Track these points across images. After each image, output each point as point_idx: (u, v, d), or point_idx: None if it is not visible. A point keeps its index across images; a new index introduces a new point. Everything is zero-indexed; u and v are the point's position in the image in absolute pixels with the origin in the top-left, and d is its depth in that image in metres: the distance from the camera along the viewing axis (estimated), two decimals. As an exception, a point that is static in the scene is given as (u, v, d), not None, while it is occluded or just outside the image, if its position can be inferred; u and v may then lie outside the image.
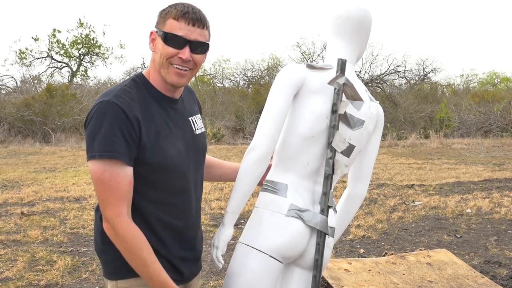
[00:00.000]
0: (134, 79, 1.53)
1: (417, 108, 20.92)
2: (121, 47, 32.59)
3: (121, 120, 1.39)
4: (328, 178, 1.70)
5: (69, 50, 26.84)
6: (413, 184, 8.16)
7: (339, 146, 1.67)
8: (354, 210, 1.95)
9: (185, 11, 1.45)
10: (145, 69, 1.57)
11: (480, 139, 17.12)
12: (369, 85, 23.92)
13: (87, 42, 26.99)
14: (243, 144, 16.72)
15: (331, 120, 1.68)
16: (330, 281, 3.25)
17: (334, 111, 1.67)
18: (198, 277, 1.72)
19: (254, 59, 45.42)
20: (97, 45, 27.26)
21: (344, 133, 1.71)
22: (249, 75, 27.21)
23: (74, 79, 26.86)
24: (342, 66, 1.70)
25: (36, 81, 24.06)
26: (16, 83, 24.26)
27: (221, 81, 27.77)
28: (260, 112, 19.51)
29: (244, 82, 27.42)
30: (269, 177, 1.76)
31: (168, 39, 1.45)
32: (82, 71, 27.85)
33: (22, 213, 6.01)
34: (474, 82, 31.34)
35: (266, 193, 1.72)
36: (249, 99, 21.50)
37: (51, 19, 44.76)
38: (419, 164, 11.06)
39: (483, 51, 53.80)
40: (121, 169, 1.39)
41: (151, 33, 1.51)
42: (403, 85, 26.08)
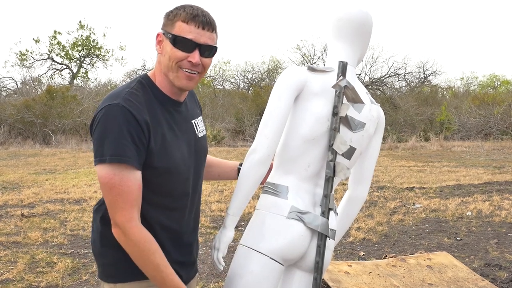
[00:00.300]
0: (141, 81, 1.50)
1: (417, 111, 20.94)
2: (121, 49, 32.61)
3: (130, 124, 1.36)
4: (329, 180, 1.70)
5: (70, 52, 26.90)
6: (413, 187, 8.16)
7: (340, 149, 1.68)
8: (355, 213, 1.95)
9: (194, 14, 1.43)
10: (150, 71, 1.55)
11: (480, 142, 17.13)
12: (370, 87, 23.93)
13: (87, 44, 27.03)
14: (243, 146, 16.72)
15: (332, 122, 1.68)
16: (331, 284, 3.25)
17: (335, 113, 1.68)
18: (194, 279, 1.72)
19: (255, 61, 45.47)
20: (97, 47, 27.32)
21: (345, 136, 1.72)
22: (249, 77, 27.25)
23: (75, 81, 26.89)
24: (343, 68, 1.71)
25: (36, 83, 24.07)
26: (17, 84, 24.30)
27: (221, 83, 27.81)
28: (261, 115, 19.48)
29: (245, 84, 27.46)
30: (270, 179, 1.76)
31: (178, 42, 1.43)
32: (83, 73, 27.90)
33: (22, 214, 6.01)
34: (475, 85, 31.40)
35: (267, 195, 1.72)
36: (249, 101, 21.51)
37: (51, 21, 44.87)
38: (419, 167, 11.05)
39: (483, 53, 53.87)
40: (131, 174, 1.37)
41: (158, 35, 1.48)
42: (403, 87, 26.11)
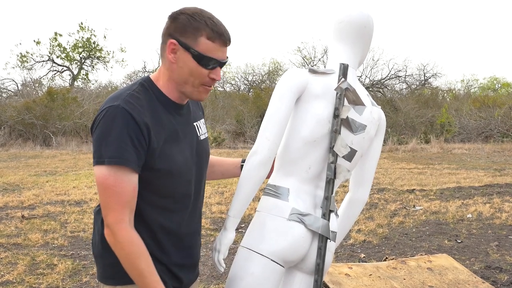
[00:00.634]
0: (142, 84, 1.50)
1: (417, 113, 20.94)
2: (122, 50, 32.64)
3: (130, 126, 1.37)
4: (330, 182, 1.70)
5: (70, 53, 26.92)
6: (414, 189, 8.15)
7: (341, 151, 1.68)
8: (356, 215, 1.95)
9: (220, 32, 1.43)
10: (153, 73, 1.54)
11: (480, 144, 17.13)
12: (370, 89, 23.95)
13: (88, 45, 27.07)
14: (243, 148, 16.71)
15: (333, 124, 1.68)
16: (331, 286, 3.24)
17: (336, 115, 1.68)
18: (196, 283, 1.72)
19: (255, 63, 45.54)
20: (98, 48, 27.34)
21: (346, 138, 1.72)
22: (250, 79, 27.29)
23: (75, 82, 26.91)
24: (344, 70, 1.71)
25: (37, 85, 24.09)
26: (17, 86, 24.30)
27: (222, 85, 27.81)
28: (261, 117, 19.47)
29: (245, 86, 27.49)
30: (271, 181, 1.76)
31: (204, 60, 1.42)
32: (83, 74, 27.92)
33: (23, 216, 6.01)
34: (475, 87, 31.42)
35: (268, 197, 1.72)
36: (249, 103, 21.52)
37: (52, 23, 44.90)
38: (419, 169, 11.05)
39: (484, 56, 53.93)
40: (127, 176, 1.37)
41: (172, 43, 1.42)
42: (403, 90, 26.14)
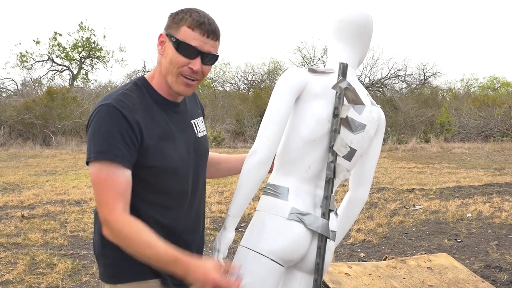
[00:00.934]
0: (136, 83, 1.52)
1: (417, 112, 20.94)
2: (121, 50, 32.68)
3: (120, 124, 1.38)
4: (329, 182, 1.70)
5: (70, 53, 26.91)
6: (414, 188, 8.16)
7: (341, 150, 1.68)
8: (355, 214, 1.95)
9: (201, 21, 1.43)
10: (148, 73, 1.56)
11: (480, 144, 17.13)
12: (370, 89, 23.94)
13: (88, 45, 27.04)
14: (243, 147, 16.71)
15: (332, 124, 1.68)
16: (331, 285, 3.24)
17: (335, 115, 1.68)
18: None
19: (255, 62, 45.48)
20: (97, 48, 27.32)
21: (345, 137, 1.72)
22: (249, 78, 27.25)
23: (75, 82, 26.90)
24: (343, 70, 1.71)
25: (36, 84, 24.09)
26: (17, 86, 24.31)
27: (221, 84, 27.81)
28: (261, 116, 19.46)
29: (245, 85, 27.46)
30: (270, 180, 1.76)
31: (181, 47, 1.43)
32: (83, 74, 27.91)
33: (23, 216, 6.01)
34: (475, 87, 31.40)
35: (268, 197, 1.72)
36: (249, 103, 21.51)
37: (52, 22, 44.92)
38: (419, 168, 11.05)
39: (483, 55, 53.89)
40: (118, 170, 1.38)
41: (161, 35, 1.48)
42: (403, 89, 26.13)
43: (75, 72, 27.42)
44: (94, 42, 27.12)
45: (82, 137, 17.98)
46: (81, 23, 29.94)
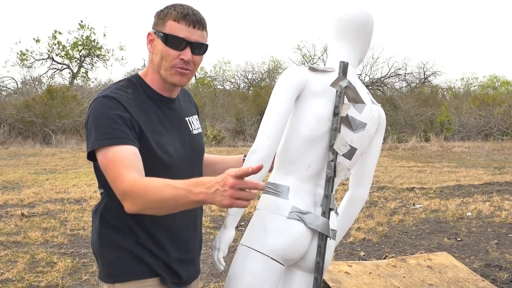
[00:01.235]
0: (130, 79, 1.54)
1: (417, 111, 20.93)
2: (121, 49, 32.68)
3: (120, 110, 1.40)
4: (329, 180, 1.70)
5: (70, 51, 26.90)
6: (414, 187, 8.15)
7: (341, 149, 1.67)
8: (356, 213, 1.95)
9: (185, 13, 1.46)
10: (141, 71, 1.58)
11: (480, 143, 17.13)
12: (370, 88, 23.94)
13: (87, 43, 27.03)
14: (243, 146, 16.71)
15: (333, 122, 1.68)
16: (331, 284, 3.24)
17: (336, 113, 1.68)
18: (197, 280, 1.71)
19: (255, 61, 45.49)
20: (97, 46, 27.31)
21: (346, 136, 1.71)
22: (249, 77, 27.24)
23: (75, 80, 26.90)
24: (344, 68, 1.70)
25: (36, 83, 24.09)
26: (17, 84, 24.31)
27: (221, 83, 27.80)
28: (261, 115, 19.41)
29: (245, 84, 27.46)
30: (271, 179, 1.76)
31: (169, 40, 1.45)
32: (83, 72, 27.91)
33: (23, 214, 6.01)
34: (475, 86, 31.40)
35: (268, 196, 1.72)
36: (249, 102, 21.50)
37: (52, 21, 44.88)
38: (419, 167, 11.05)
39: (483, 54, 53.85)
40: (125, 147, 1.36)
41: (149, 34, 1.51)
42: (403, 88, 26.11)
43: (75, 70, 27.43)
44: (94, 41, 27.14)
45: (82, 135, 17.97)
46: (81, 21, 29.94)
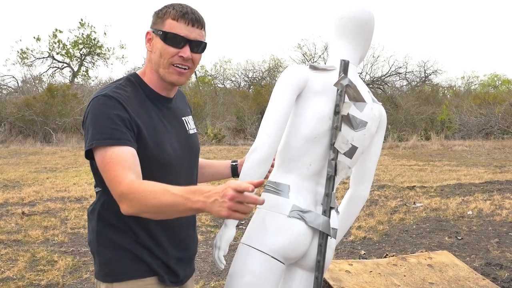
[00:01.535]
0: (129, 78, 1.54)
1: (418, 110, 20.91)
2: (122, 47, 32.63)
3: (119, 110, 1.40)
4: (330, 179, 1.69)
5: (70, 50, 26.88)
6: (414, 186, 8.15)
7: (342, 148, 1.67)
8: (356, 212, 1.95)
9: (184, 11, 1.47)
10: (140, 69, 1.58)
11: (481, 141, 17.12)
12: (371, 86, 23.91)
13: (88, 42, 27.02)
14: (244, 145, 16.71)
15: (333, 121, 1.68)
16: (331, 283, 3.24)
17: (336, 112, 1.67)
18: (192, 279, 1.72)
19: (255, 60, 45.47)
20: (98, 45, 27.29)
21: (346, 135, 1.71)
22: (250, 76, 27.22)
23: (75, 79, 26.88)
24: (345, 67, 1.70)
25: (37, 81, 24.07)
26: (17, 83, 24.27)
27: (222, 81, 27.78)
28: (261, 113, 19.40)
29: (245, 83, 27.43)
30: (271, 178, 1.76)
31: (168, 38, 1.46)
32: (83, 71, 27.89)
33: (23, 213, 6.01)
34: (476, 84, 31.38)
35: (269, 194, 1.72)
36: (250, 100, 21.48)
37: (52, 19, 44.78)
38: (420, 166, 11.05)
39: (484, 53, 53.84)
40: (123, 148, 1.36)
41: (147, 33, 1.53)
42: (404, 86, 26.08)
43: (75, 69, 27.41)
44: (94, 39, 27.11)
45: (83, 134, 17.94)
46: (82, 20, 29.86)
